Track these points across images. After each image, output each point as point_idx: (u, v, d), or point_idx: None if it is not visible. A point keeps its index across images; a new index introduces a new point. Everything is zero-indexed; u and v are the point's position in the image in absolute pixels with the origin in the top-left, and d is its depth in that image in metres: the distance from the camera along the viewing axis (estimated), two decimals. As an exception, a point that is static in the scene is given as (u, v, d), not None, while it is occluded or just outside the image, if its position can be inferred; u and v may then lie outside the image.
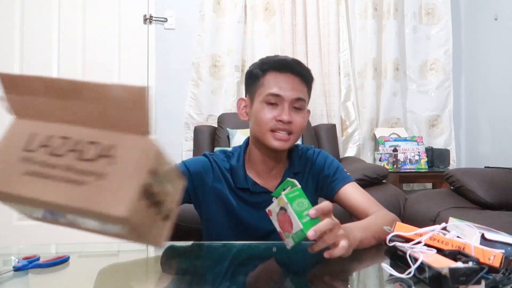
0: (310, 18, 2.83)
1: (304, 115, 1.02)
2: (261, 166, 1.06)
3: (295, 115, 0.99)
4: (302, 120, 1.01)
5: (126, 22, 2.74)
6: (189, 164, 1.05)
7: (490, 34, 2.74)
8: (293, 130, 0.99)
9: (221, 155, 1.09)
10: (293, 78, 1.00)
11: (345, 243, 0.72)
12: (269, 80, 1.01)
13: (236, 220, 1.04)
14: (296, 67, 1.02)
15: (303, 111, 1.01)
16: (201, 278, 0.76)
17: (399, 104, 2.92)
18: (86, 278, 0.77)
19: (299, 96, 0.99)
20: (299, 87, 1.01)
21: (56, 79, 0.40)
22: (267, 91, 1.00)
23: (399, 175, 2.57)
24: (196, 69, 2.79)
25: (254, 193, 1.04)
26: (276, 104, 0.99)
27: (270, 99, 0.99)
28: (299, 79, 1.01)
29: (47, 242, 2.46)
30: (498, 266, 0.66)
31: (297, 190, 0.70)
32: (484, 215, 1.61)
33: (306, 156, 1.11)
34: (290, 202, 0.69)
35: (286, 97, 0.98)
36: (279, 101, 0.99)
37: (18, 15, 2.65)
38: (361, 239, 0.82)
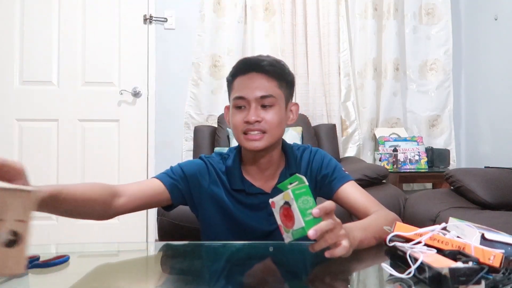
0: (310, 18, 2.83)
1: (277, 111, 1.00)
2: (254, 168, 1.05)
3: (265, 113, 0.99)
4: (274, 116, 0.99)
5: (126, 22, 2.74)
6: (185, 166, 1.05)
7: (490, 34, 2.74)
8: (265, 128, 0.98)
9: (217, 157, 1.09)
10: (258, 76, 1.00)
11: (346, 243, 0.71)
12: (236, 84, 1.02)
13: (233, 222, 1.03)
14: (259, 64, 1.01)
15: (274, 108, 1.00)
16: (201, 278, 0.76)
17: (399, 104, 2.92)
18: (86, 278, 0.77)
19: (264, 94, 0.98)
20: (265, 84, 0.99)
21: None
22: (234, 95, 1.01)
23: (399, 175, 2.57)
24: (196, 69, 2.79)
25: (250, 195, 1.04)
26: (244, 106, 0.99)
27: (237, 103, 1.00)
28: (265, 76, 1.00)
29: (47, 242, 2.46)
30: (498, 266, 0.66)
31: (304, 187, 0.69)
32: (484, 215, 1.61)
33: (302, 156, 1.10)
34: (296, 198, 0.68)
35: (250, 97, 0.98)
36: (245, 103, 0.99)
37: (18, 15, 2.65)
38: (361, 239, 0.82)
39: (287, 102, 1.05)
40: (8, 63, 2.64)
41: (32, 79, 2.66)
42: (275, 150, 1.05)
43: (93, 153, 2.69)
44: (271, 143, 1.00)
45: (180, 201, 1.04)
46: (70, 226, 2.62)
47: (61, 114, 2.68)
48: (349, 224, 0.83)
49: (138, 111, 2.75)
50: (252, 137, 0.98)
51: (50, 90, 2.67)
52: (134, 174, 2.71)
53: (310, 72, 2.84)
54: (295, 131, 2.52)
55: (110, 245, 0.96)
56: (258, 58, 1.03)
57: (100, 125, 2.71)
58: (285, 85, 1.04)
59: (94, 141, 2.70)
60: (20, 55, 2.65)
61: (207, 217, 1.06)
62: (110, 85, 2.72)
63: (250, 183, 1.04)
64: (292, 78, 1.07)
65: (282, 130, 1.04)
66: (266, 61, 1.02)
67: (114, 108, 2.72)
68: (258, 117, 0.98)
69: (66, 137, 2.67)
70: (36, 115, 2.66)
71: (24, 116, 2.65)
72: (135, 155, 2.74)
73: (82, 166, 2.68)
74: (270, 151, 1.03)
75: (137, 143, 2.75)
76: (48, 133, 2.66)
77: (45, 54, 2.66)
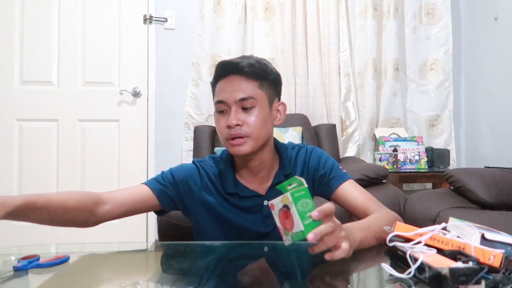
0: (310, 18, 2.83)
1: (259, 112, 0.97)
2: (246, 171, 1.04)
3: (246, 115, 0.96)
4: (255, 118, 0.96)
5: (126, 22, 2.74)
6: (176, 172, 1.05)
7: (490, 34, 2.74)
8: (247, 132, 0.96)
9: (210, 161, 1.08)
10: (236, 78, 0.97)
11: (346, 245, 0.71)
12: (217, 89, 1.01)
13: (227, 226, 1.02)
14: (238, 66, 0.98)
15: (254, 109, 0.97)
16: (201, 278, 0.76)
17: (399, 104, 2.92)
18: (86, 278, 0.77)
19: (243, 96, 0.96)
20: (244, 85, 0.97)
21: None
22: (214, 100, 1.00)
23: (399, 175, 2.57)
24: (196, 69, 2.79)
25: (244, 198, 1.02)
26: (226, 110, 0.98)
27: (218, 107, 0.99)
28: (244, 77, 0.97)
29: (47, 242, 2.46)
30: (498, 266, 0.66)
31: (303, 189, 0.68)
32: (484, 215, 1.61)
33: (298, 155, 1.08)
34: (295, 201, 0.67)
35: (229, 101, 0.96)
36: (226, 107, 0.97)
37: (18, 15, 2.65)
38: (362, 240, 0.81)
39: (271, 102, 1.02)
40: (8, 63, 2.64)
41: (32, 79, 2.66)
42: (265, 152, 1.02)
43: (93, 153, 2.69)
44: (256, 146, 0.98)
45: (170, 206, 1.04)
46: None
47: (61, 114, 2.68)
48: (349, 225, 0.82)
49: (138, 111, 2.75)
50: (235, 142, 0.96)
51: (50, 90, 2.67)
52: (134, 174, 2.72)
53: (310, 72, 2.84)
54: (295, 131, 2.52)
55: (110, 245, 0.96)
56: (236, 60, 1.00)
57: (100, 125, 2.71)
58: (267, 84, 1.01)
59: (94, 141, 2.70)
60: (20, 55, 2.65)
61: (200, 222, 1.05)
62: (110, 85, 2.72)
63: (244, 186, 1.03)
64: (276, 76, 1.04)
65: (268, 131, 1.01)
66: (244, 62, 0.98)
67: (114, 108, 2.72)
68: (238, 120, 0.95)
69: (66, 137, 2.67)
70: (36, 115, 2.66)
71: (24, 116, 2.65)
72: (135, 155, 2.74)
73: (82, 166, 2.68)
74: (259, 153, 1.01)
75: (137, 143, 2.75)
76: (48, 133, 2.66)
77: (45, 54, 2.66)
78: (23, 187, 2.62)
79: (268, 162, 1.04)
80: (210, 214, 1.03)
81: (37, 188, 2.62)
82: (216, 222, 1.03)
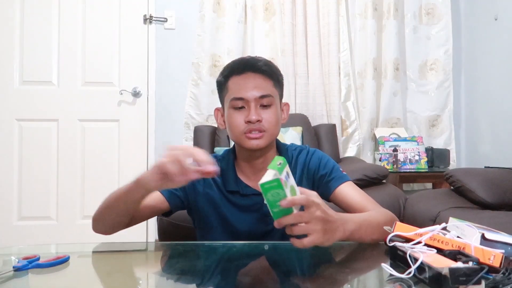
0: (310, 18, 2.83)
1: (275, 110, 1.02)
2: (248, 169, 1.05)
3: (264, 112, 1.00)
4: (272, 115, 1.01)
5: (126, 22, 2.74)
6: None
7: (490, 34, 2.74)
8: (265, 128, 0.99)
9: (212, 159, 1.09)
10: (254, 76, 1.00)
11: (315, 238, 0.73)
12: (231, 85, 1.02)
13: (228, 224, 1.04)
14: (256, 64, 1.01)
15: (272, 107, 1.01)
16: (201, 278, 0.76)
17: (399, 104, 2.92)
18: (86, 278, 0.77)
19: (263, 94, 0.99)
20: (262, 84, 1.00)
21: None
22: (231, 96, 1.01)
23: (399, 175, 2.57)
24: (196, 69, 2.79)
25: (245, 196, 1.04)
26: (243, 107, 1.00)
27: (236, 104, 1.00)
28: (261, 76, 1.01)
29: (47, 242, 2.46)
30: (498, 266, 0.66)
31: (275, 181, 0.70)
32: (484, 215, 1.61)
33: (298, 157, 1.10)
34: (265, 192, 0.71)
35: (250, 98, 0.98)
36: (244, 104, 0.99)
37: (18, 15, 2.65)
38: (353, 231, 0.82)
39: (281, 101, 1.07)
40: (8, 63, 2.64)
41: (32, 79, 2.66)
42: (270, 151, 1.05)
43: (93, 153, 2.69)
44: (270, 141, 1.02)
45: (178, 207, 1.06)
46: (70, 226, 2.62)
47: (61, 114, 2.68)
48: (346, 215, 0.84)
49: (138, 111, 2.75)
50: (253, 136, 0.98)
51: (50, 90, 2.67)
52: (134, 174, 2.71)
53: (310, 72, 2.84)
54: (295, 131, 2.52)
55: (110, 245, 0.96)
56: (253, 58, 1.04)
57: (100, 125, 2.71)
58: (278, 85, 1.05)
59: (94, 141, 2.70)
60: (20, 55, 2.65)
61: (204, 220, 1.06)
62: (110, 85, 2.72)
63: (245, 184, 1.04)
64: (282, 78, 1.08)
65: (279, 129, 1.05)
66: (261, 61, 1.02)
67: (114, 108, 2.72)
68: (259, 116, 0.98)
69: (66, 137, 2.67)
70: (36, 115, 2.66)
71: (24, 116, 2.65)
72: (135, 155, 2.74)
73: (82, 166, 2.68)
74: (266, 151, 1.04)
75: (137, 143, 2.75)
76: (48, 133, 2.66)
77: (45, 54, 2.66)
78: (23, 187, 2.62)
79: (271, 159, 1.05)
80: (213, 211, 1.04)
81: (37, 188, 2.62)
82: (218, 220, 1.04)
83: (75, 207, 2.64)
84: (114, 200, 0.92)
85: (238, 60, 1.05)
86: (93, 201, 2.63)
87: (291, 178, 0.76)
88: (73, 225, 2.62)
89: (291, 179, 0.76)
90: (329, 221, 0.76)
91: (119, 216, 0.94)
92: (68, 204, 2.64)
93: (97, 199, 0.96)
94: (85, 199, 2.66)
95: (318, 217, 0.74)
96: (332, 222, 0.77)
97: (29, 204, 2.61)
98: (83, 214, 2.64)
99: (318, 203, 0.74)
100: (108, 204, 0.94)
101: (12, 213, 2.60)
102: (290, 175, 0.77)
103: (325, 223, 0.75)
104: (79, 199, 2.65)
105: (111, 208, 0.93)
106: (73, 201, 2.65)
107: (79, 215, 2.64)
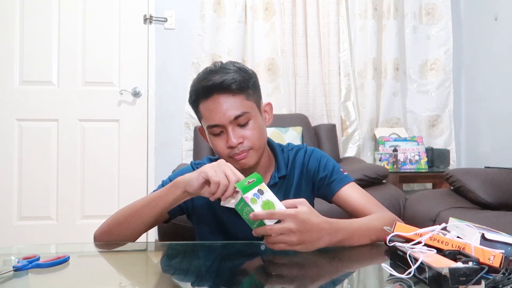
0: (310, 18, 2.83)
1: (255, 123, 0.96)
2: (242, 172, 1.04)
3: (244, 131, 0.95)
4: (254, 131, 0.95)
5: (126, 22, 2.74)
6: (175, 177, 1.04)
7: (490, 34, 2.74)
8: (249, 146, 0.95)
9: (207, 162, 1.06)
10: (223, 97, 0.93)
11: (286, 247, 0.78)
12: (203, 111, 0.96)
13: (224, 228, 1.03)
14: (221, 85, 0.92)
15: (250, 122, 0.96)
16: (201, 278, 0.76)
17: (399, 104, 2.92)
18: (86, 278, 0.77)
19: (237, 114, 0.93)
20: (233, 103, 0.93)
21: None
22: (206, 123, 0.97)
23: (399, 175, 2.57)
24: (196, 69, 2.79)
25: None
26: (222, 131, 0.95)
27: (213, 131, 0.96)
28: (230, 94, 0.93)
29: (47, 242, 2.46)
30: (498, 266, 0.66)
31: (241, 200, 0.79)
32: (484, 215, 1.61)
33: (296, 157, 1.07)
34: (240, 212, 0.80)
35: (224, 122, 0.93)
36: (221, 128, 0.95)
37: (18, 15, 2.65)
38: (342, 240, 0.83)
39: (259, 107, 1.01)
40: (8, 63, 2.64)
41: (32, 79, 2.66)
42: (262, 156, 1.02)
43: (93, 153, 2.69)
44: (258, 156, 0.98)
45: (177, 213, 1.04)
46: (70, 226, 2.62)
47: (61, 114, 2.68)
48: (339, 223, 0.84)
49: (138, 111, 2.75)
50: (239, 157, 0.95)
51: (50, 90, 2.67)
52: (134, 174, 2.72)
53: (310, 72, 2.84)
54: (295, 131, 2.52)
55: (110, 245, 0.96)
56: (216, 78, 0.93)
57: (100, 125, 2.71)
58: (251, 92, 0.97)
59: (94, 141, 2.70)
60: (20, 55, 2.65)
61: (201, 225, 1.06)
62: (110, 85, 2.72)
63: None
64: (254, 79, 1.00)
65: (265, 138, 1.01)
66: (227, 78, 0.93)
67: (114, 108, 2.72)
68: (239, 138, 0.94)
69: (66, 137, 2.67)
70: (36, 115, 2.66)
71: (24, 116, 2.65)
72: (135, 155, 2.74)
73: (82, 166, 2.68)
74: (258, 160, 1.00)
75: (137, 143, 2.75)
76: (48, 133, 2.66)
77: (45, 54, 2.66)
78: (23, 187, 2.62)
79: (265, 164, 1.04)
80: (210, 216, 1.04)
81: (37, 188, 2.62)
82: (215, 224, 1.04)
83: (75, 207, 2.64)
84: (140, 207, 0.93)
85: (203, 84, 0.94)
86: (93, 201, 2.66)
87: (268, 193, 0.81)
88: (73, 225, 2.62)
89: (266, 194, 0.80)
90: (308, 231, 0.77)
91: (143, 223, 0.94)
92: (68, 204, 2.64)
93: (97, 199, 0.97)
94: (85, 199, 2.65)
95: (291, 230, 0.76)
96: (314, 232, 0.78)
97: (29, 204, 2.61)
98: (83, 214, 2.64)
99: (294, 214, 0.77)
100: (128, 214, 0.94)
101: (12, 213, 2.60)
102: (266, 190, 0.81)
103: (301, 234, 0.77)
104: (79, 199, 2.65)
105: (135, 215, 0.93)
106: (73, 201, 2.65)
107: (79, 215, 2.64)
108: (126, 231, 0.95)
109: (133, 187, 2.68)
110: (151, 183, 2.72)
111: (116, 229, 0.95)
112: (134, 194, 1.06)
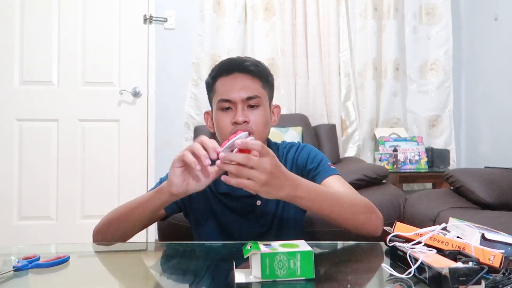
0: (310, 18, 2.83)
1: (263, 111, 0.99)
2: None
3: (251, 113, 0.97)
4: (260, 117, 0.98)
5: (126, 22, 2.74)
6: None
7: (490, 34, 2.74)
8: (252, 129, 0.96)
9: None
10: (242, 76, 0.98)
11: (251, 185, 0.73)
12: (219, 86, 1.00)
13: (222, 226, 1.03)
14: (243, 65, 0.99)
15: (260, 108, 0.99)
16: (200, 278, 0.76)
17: (399, 104, 2.92)
18: (86, 278, 0.77)
19: (250, 95, 0.97)
20: (250, 84, 0.98)
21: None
22: (218, 98, 0.99)
23: (399, 175, 2.57)
24: (196, 69, 2.79)
25: (236, 198, 1.02)
26: (230, 108, 0.97)
27: (223, 105, 0.98)
28: (249, 76, 0.98)
29: (47, 242, 2.46)
30: (498, 266, 0.66)
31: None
32: (484, 215, 1.61)
33: (288, 154, 1.08)
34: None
35: (236, 99, 0.96)
36: (231, 105, 0.97)
37: (18, 15, 2.64)
38: (302, 197, 0.81)
39: (270, 103, 1.05)
40: (8, 63, 2.64)
41: (32, 79, 2.66)
42: None
43: (93, 153, 2.69)
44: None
45: (174, 211, 1.05)
46: (70, 226, 2.62)
47: (61, 114, 2.67)
48: (303, 181, 0.83)
49: (138, 111, 2.75)
50: None
51: (50, 90, 2.67)
52: (134, 174, 2.72)
53: (310, 72, 2.84)
54: (295, 131, 2.52)
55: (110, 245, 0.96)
56: (241, 58, 1.02)
57: (100, 125, 2.71)
58: (267, 85, 1.03)
59: (94, 141, 2.70)
60: (20, 55, 2.65)
61: (199, 222, 1.06)
62: (110, 85, 2.72)
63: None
64: (272, 79, 1.06)
65: (268, 131, 1.02)
66: (249, 61, 1.00)
67: (114, 108, 2.72)
68: (246, 117, 0.96)
69: (66, 137, 2.67)
70: (36, 115, 2.66)
71: (24, 116, 2.65)
72: (135, 155, 2.74)
73: (82, 166, 2.68)
74: None
75: (137, 143, 2.75)
76: (48, 133, 2.66)
77: (45, 54, 2.66)
78: (23, 187, 2.62)
79: None
80: (207, 214, 1.04)
81: (37, 188, 2.62)
82: (213, 222, 1.04)
83: (75, 207, 2.64)
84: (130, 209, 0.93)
85: (226, 61, 1.03)
86: (93, 201, 2.66)
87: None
88: (73, 225, 2.62)
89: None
90: (277, 176, 0.75)
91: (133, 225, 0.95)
92: (68, 204, 2.64)
93: (97, 199, 0.97)
94: (85, 199, 2.65)
95: (266, 168, 0.73)
96: (281, 180, 0.76)
97: (29, 204, 2.61)
98: (83, 214, 2.64)
99: (273, 155, 0.74)
100: (120, 214, 0.95)
101: (12, 213, 2.60)
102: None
103: (271, 176, 0.74)
104: (79, 199, 2.65)
105: (126, 217, 0.94)
106: (73, 201, 2.64)
107: (79, 215, 2.64)
108: (118, 232, 0.96)
109: (133, 187, 2.68)
110: (151, 183, 2.72)
111: (109, 229, 0.97)
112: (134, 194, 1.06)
